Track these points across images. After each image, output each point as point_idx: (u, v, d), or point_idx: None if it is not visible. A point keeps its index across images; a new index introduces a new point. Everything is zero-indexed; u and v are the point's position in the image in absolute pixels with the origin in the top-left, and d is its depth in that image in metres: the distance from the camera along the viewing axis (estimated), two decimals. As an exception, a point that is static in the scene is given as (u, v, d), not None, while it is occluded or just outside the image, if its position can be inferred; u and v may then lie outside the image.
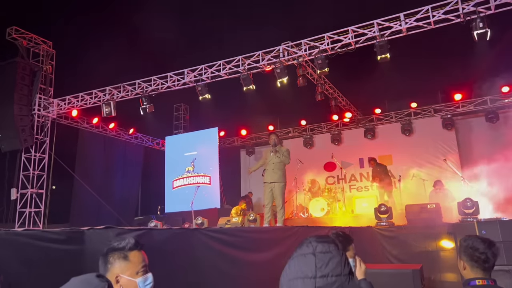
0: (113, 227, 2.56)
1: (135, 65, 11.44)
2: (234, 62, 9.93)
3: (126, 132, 14.58)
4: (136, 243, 1.80)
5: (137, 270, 1.75)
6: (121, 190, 14.06)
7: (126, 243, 1.78)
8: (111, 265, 1.74)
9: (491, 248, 2.32)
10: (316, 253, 1.33)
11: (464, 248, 2.38)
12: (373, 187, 12.95)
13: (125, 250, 1.76)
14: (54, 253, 2.20)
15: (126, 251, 1.76)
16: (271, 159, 6.96)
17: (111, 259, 1.75)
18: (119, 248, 1.76)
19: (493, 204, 7.82)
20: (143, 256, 1.81)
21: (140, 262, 1.77)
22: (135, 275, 1.74)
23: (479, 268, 2.30)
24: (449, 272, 7.02)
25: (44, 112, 11.74)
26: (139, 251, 1.80)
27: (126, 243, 1.77)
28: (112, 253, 1.76)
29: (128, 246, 1.77)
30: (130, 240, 1.79)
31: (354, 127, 13.85)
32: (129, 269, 1.74)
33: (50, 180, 11.56)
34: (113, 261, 1.74)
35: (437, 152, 11.90)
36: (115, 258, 1.75)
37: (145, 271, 1.79)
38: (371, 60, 9.01)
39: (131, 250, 1.77)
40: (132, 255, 1.77)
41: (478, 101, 11.97)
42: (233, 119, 14.41)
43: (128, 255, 1.76)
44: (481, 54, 9.34)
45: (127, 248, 1.77)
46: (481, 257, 2.30)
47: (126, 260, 1.75)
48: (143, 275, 1.77)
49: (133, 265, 1.75)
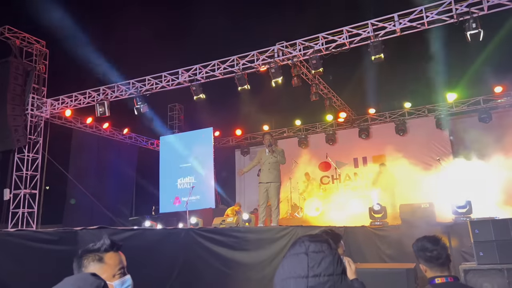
0: (106, 227, 2.55)
1: (129, 65, 11.39)
2: (229, 62, 9.93)
3: (120, 132, 14.52)
4: (112, 244, 1.67)
5: (114, 272, 1.63)
6: (115, 190, 14.00)
7: (101, 244, 1.65)
8: (85, 268, 1.61)
9: (438, 244, 2.42)
10: (308, 252, 1.33)
11: (416, 252, 2.48)
12: (368, 187, 13.01)
13: (100, 251, 1.64)
14: (47, 254, 2.19)
15: (101, 253, 1.64)
16: (266, 159, 6.97)
17: (85, 262, 1.62)
18: (94, 249, 1.64)
19: (487, 203, 7.87)
20: (120, 258, 1.69)
21: (116, 265, 1.65)
22: (111, 278, 1.61)
23: (435, 266, 2.39)
24: (443, 271, 7.06)
25: (37, 112, 11.66)
26: (115, 252, 1.68)
27: (101, 244, 1.65)
28: (86, 255, 1.63)
29: (104, 247, 1.65)
30: (106, 240, 1.66)
31: (349, 127, 13.89)
32: (105, 272, 1.60)
33: (44, 181, 11.49)
34: (87, 264, 1.62)
35: (430, 152, 11.96)
36: (89, 261, 1.62)
37: (123, 274, 1.67)
38: (365, 61, 9.06)
39: (107, 251, 1.65)
40: (108, 257, 1.64)
41: (472, 101, 12.05)
42: (228, 119, 14.41)
43: (103, 257, 1.63)
44: (474, 54, 9.42)
45: (102, 249, 1.64)
46: (433, 255, 2.39)
47: (101, 262, 1.62)
48: (120, 277, 1.64)
49: (109, 268, 1.62)
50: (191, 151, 13.85)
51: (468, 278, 5.25)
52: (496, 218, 5.65)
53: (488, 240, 5.19)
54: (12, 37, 11.17)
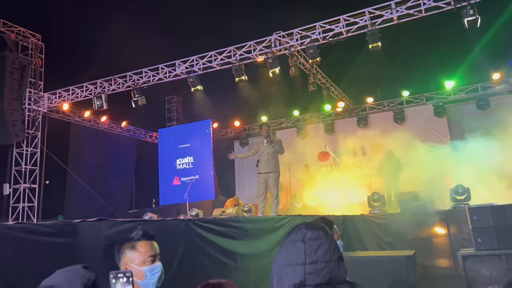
0: (106, 219, 2.56)
1: (126, 58, 11.33)
2: (226, 52, 9.88)
3: (119, 125, 14.49)
4: (144, 234, 1.87)
5: (144, 259, 1.82)
6: (115, 183, 14.01)
7: (135, 234, 1.86)
8: (123, 254, 1.84)
9: None
10: (305, 239, 1.35)
11: None
12: (367, 177, 13.05)
13: (133, 240, 1.85)
14: (46, 246, 2.20)
15: (134, 241, 1.85)
16: (265, 150, 6.96)
17: (122, 249, 1.85)
18: (129, 238, 1.86)
19: (485, 190, 7.91)
20: (151, 246, 1.87)
21: (147, 252, 1.84)
22: (142, 264, 1.81)
23: None
24: (442, 258, 7.12)
25: (34, 106, 11.62)
26: (147, 241, 1.87)
27: (135, 234, 1.86)
28: (123, 243, 1.86)
29: (137, 236, 1.85)
30: (139, 231, 1.87)
31: (347, 116, 13.88)
32: (136, 258, 1.82)
33: (43, 175, 11.49)
34: (123, 250, 1.84)
35: (429, 140, 11.96)
36: (124, 248, 1.85)
37: (153, 261, 1.85)
38: (363, 49, 9.02)
39: (139, 240, 1.85)
40: (140, 245, 1.84)
41: (469, 88, 12.04)
42: (226, 111, 14.37)
43: (135, 245, 1.84)
44: (472, 41, 9.37)
45: (135, 238, 1.85)
46: None
47: (134, 250, 1.83)
48: (150, 264, 1.83)
49: (140, 255, 1.82)
50: (189, 143, 13.84)
51: (466, 264, 5.30)
52: (494, 205, 5.68)
53: (486, 226, 5.23)
54: (7, 31, 11.09)
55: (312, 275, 1.28)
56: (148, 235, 1.89)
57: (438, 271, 6.95)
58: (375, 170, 12.67)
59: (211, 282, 1.47)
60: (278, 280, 1.33)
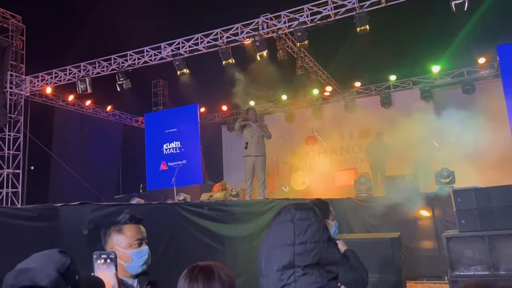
0: (89, 203, 2.50)
1: (110, 40, 11.07)
2: (213, 35, 9.71)
3: (104, 110, 14.25)
4: (131, 217, 1.87)
5: (131, 243, 1.82)
6: (101, 168, 13.84)
7: (122, 217, 1.87)
8: (109, 237, 1.85)
9: None
10: (294, 220, 1.32)
11: None
12: (354, 161, 13.15)
13: (120, 223, 1.86)
14: (27, 231, 2.14)
15: (121, 225, 1.85)
16: (255, 133, 6.91)
17: (109, 232, 1.86)
18: (116, 222, 1.86)
19: (469, 173, 8.03)
20: (138, 230, 1.87)
21: (134, 236, 1.84)
22: (128, 247, 1.81)
23: None
24: (426, 240, 7.25)
25: (16, 90, 11.32)
26: (134, 225, 1.87)
27: (122, 218, 1.87)
28: (110, 227, 1.86)
29: (123, 220, 1.86)
30: (126, 214, 1.87)
31: (335, 100, 13.87)
32: (123, 241, 1.82)
33: (27, 160, 11.28)
34: (110, 233, 1.85)
35: (415, 124, 12.04)
36: (111, 231, 1.85)
37: (139, 244, 1.85)
38: (351, 33, 8.96)
39: (126, 223, 1.86)
40: (127, 229, 1.85)
41: (456, 72, 12.11)
42: (214, 95, 14.22)
43: (122, 228, 1.85)
44: (459, 25, 9.38)
45: (122, 221, 1.86)
46: None
47: (120, 233, 1.84)
48: (137, 248, 1.83)
49: (126, 238, 1.83)
50: (176, 127, 13.71)
51: (450, 245, 5.38)
52: (478, 187, 5.76)
53: (470, 208, 5.30)
54: (-14, 12, 10.72)
55: (301, 256, 1.25)
56: (135, 219, 1.88)
57: (423, 253, 7.08)
58: (362, 154, 12.77)
59: (200, 264, 1.44)
60: (267, 262, 1.31)
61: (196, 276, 1.37)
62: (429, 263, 6.87)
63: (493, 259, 5.07)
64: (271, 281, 1.26)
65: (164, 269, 3.05)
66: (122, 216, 1.87)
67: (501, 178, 7.28)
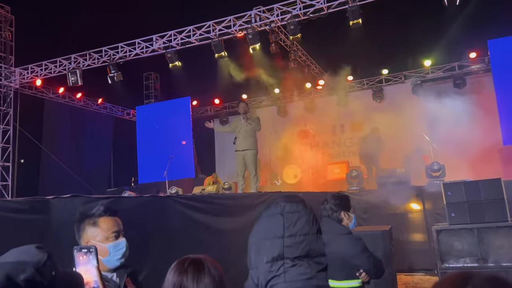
0: (80, 195, 2.49)
1: (101, 31, 10.94)
2: (205, 27, 9.65)
3: (95, 102, 14.12)
4: (106, 209, 1.79)
5: (107, 236, 1.75)
6: (92, 162, 13.75)
7: (96, 209, 1.78)
8: (83, 231, 1.76)
9: None
10: (284, 213, 1.33)
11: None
12: (345, 154, 13.23)
13: (95, 216, 1.77)
14: (17, 223, 2.13)
15: (96, 217, 1.77)
16: (242, 127, 6.91)
17: (83, 226, 1.77)
18: (90, 214, 1.78)
19: (459, 167, 8.11)
20: (114, 222, 1.80)
21: (110, 228, 1.77)
22: (105, 240, 1.75)
23: None
24: (417, 233, 7.33)
25: (5, 82, 11.18)
26: (109, 217, 1.80)
27: (96, 210, 1.78)
28: (84, 220, 1.78)
29: (98, 212, 1.78)
30: (100, 207, 1.79)
31: (327, 94, 13.89)
32: (98, 234, 1.75)
33: (17, 153, 11.17)
34: (84, 227, 1.77)
35: (407, 118, 12.12)
36: (85, 225, 1.77)
37: (116, 237, 1.79)
38: (343, 27, 8.96)
39: (101, 216, 1.78)
40: (102, 221, 1.77)
41: (447, 67, 12.19)
42: (206, 88, 14.15)
43: (97, 221, 1.77)
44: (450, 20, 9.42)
45: (96, 214, 1.77)
46: None
47: (95, 226, 1.76)
48: (113, 240, 1.77)
49: (102, 231, 1.76)
50: (168, 120, 13.65)
51: (440, 237, 5.46)
52: (467, 181, 5.83)
53: (460, 201, 5.38)
54: (-27, 2, 10.53)
55: (291, 248, 1.27)
56: (111, 211, 1.82)
57: (413, 246, 7.16)
58: (354, 148, 12.83)
59: (190, 257, 1.44)
60: (256, 253, 1.32)
61: (186, 269, 1.36)
62: (419, 255, 6.95)
63: (482, 251, 5.16)
64: (261, 272, 1.27)
65: (155, 261, 3.06)
66: (97, 208, 1.79)
67: (491, 171, 7.37)
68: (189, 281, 1.35)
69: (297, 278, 1.24)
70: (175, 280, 1.36)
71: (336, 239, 2.74)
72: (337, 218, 2.91)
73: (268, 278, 1.26)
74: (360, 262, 2.73)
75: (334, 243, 2.72)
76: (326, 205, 2.97)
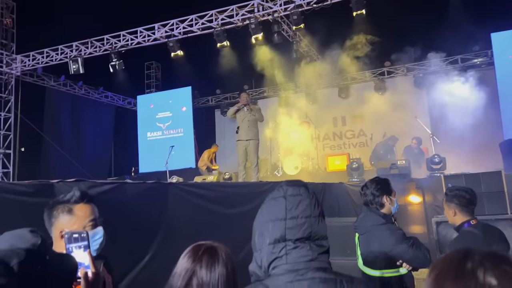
0: (84, 180, 2.51)
1: (103, 19, 10.90)
2: (207, 17, 9.61)
3: (96, 91, 14.11)
4: (82, 195, 1.64)
5: (84, 224, 1.60)
6: (93, 150, 13.79)
7: (71, 195, 1.63)
8: (56, 219, 1.60)
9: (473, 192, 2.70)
10: (286, 196, 1.35)
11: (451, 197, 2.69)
12: (346, 146, 13.25)
13: (70, 203, 1.62)
14: (22, 206, 2.15)
15: (71, 204, 1.61)
16: (245, 117, 6.92)
17: (55, 213, 1.60)
18: (64, 201, 1.62)
19: (461, 160, 8.13)
20: (91, 210, 1.66)
21: (87, 216, 1.62)
22: (82, 229, 1.56)
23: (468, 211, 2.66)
24: (416, 225, 7.36)
25: (7, 69, 11.17)
26: (86, 204, 1.64)
27: (71, 196, 1.63)
28: (56, 206, 1.61)
29: (73, 199, 1.62)
30: (76, 192, 1.64)
31: (328, 86, 13.86)
32: (74, 223, 1.58)
33: (18, 140, 11.20)
34: (57, 215, 1.60)
35: (409, 111, 12.11)
36: (59, 212, 1.60)
37: (94, 225, 1.64)
38: (346, 18, 8.92)
39: (77, 203, 1.62)
40: (78, 209, 1.61)
41: (450, 60, 12.14)
42: (207, 78, 14.12)
43: (73, 208, 1.61)
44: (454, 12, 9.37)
45: (72, 200, 1.62)
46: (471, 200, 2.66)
47: (70, 214, 1.60)
48: (90, 229, 1.61)
49: (78, 219, 1.60)
50: (169, 110, 13.66)
51: (439, 229, 5.48)
52: (468, 173, 5.85)
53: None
54: (-25, -12, 10.48)
55: (292, 230, 1.29)
56: (88, 197, 1.66)
57: (412, 237, 7.19)
58: (354, 140, 12.84)
59: (205, 244, 1.40)
60: (260, 236, 1.34)
61: (201, 257, 1.35)
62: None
63: (480, 243, 5.19)
64: (264, 254, 1.30)
65: (158, 248, 3.09)
66: (71, 194, 1.62)
67: (492, 164, 7.39)
68: (202, 270, 1.33)
69: (299, 260, 1.26)
70: (188, 266, 1.34)
71: (372, 229, 2.74)
72: (379, 203, 2.83)
73: (270, 260, 1.28)
74: (397, 253, 2.70)
75: (370, 233, 2.75)
76: (366, 191, 2.88)
